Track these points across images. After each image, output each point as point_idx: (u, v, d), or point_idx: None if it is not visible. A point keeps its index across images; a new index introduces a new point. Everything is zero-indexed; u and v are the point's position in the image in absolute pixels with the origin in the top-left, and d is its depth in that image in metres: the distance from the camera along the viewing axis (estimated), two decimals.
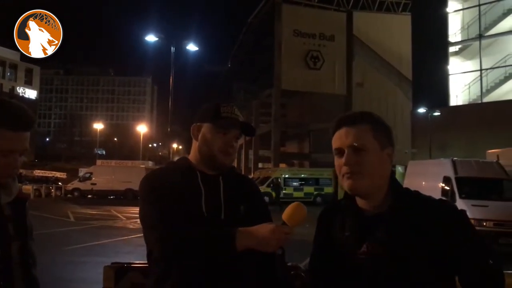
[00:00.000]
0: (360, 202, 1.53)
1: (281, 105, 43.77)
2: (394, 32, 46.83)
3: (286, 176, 31.73)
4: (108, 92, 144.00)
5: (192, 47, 24.50)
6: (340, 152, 1.50)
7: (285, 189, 30.39)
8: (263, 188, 27.81)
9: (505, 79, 38.77)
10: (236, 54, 56.48)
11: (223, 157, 1.77)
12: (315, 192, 30.91)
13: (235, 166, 1.99)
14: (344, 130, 1.50)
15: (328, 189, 30.40)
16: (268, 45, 42.45)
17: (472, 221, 8.20)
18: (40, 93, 79.03)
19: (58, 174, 46.62)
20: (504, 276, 1.44)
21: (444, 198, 1.45)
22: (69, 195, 33.27)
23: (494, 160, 14.06)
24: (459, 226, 1.45)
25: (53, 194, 35.01)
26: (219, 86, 67.06)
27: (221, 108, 1.79)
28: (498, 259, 1.44)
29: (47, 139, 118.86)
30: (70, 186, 34.34)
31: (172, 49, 23.35)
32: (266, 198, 25.56)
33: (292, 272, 2.10)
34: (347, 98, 42.54)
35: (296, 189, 31.02)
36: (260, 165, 47.29)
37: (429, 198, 1.51)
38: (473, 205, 11.15)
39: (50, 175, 44.81)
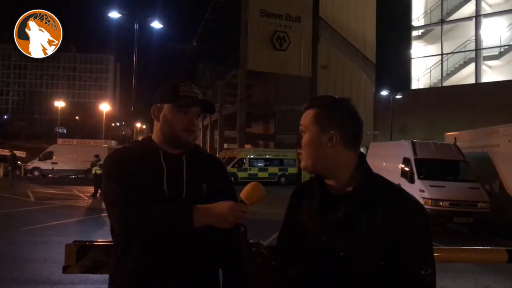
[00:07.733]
0: (327, 181, 1.56)
1: (247, 86, 43.57)
2: (359, 15, 47.11)
3: (251, 156, 31.79)
4: (69, 69, 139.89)
5: (156, 24, 23.98)
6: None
7: (250, 170, 30.64)
8: (228, 169, 27.89)
9: (465, 64, 39.87)
10: (202, 33, 55.62)
11: (187, 135, 1.79)
12: (280, 173, 31.21)
13: (200, 146, 2.01)
14: (304, 112, 1.60)
15: (292, 170, 30.84)
16: (234, 24, 41.93)
17: (430, 201, 8.48)
18: None
19: (18, 153, 45.02)
20: None
21: (413, 197, 1.46)
22: (28, 174, 32.46)
23: (452, 142, 14.41)
24: (414, 228, 1.42)
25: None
26: (184, 65, 66.04)
27: (179, 87, 1.80)
28: (434, 272, 1.41)
29: (5, 117, 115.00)
30: (30, 165, 33.42)
31: (136, 26, 22.81)
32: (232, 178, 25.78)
33: (253, 249, 2.12)
34: (312, 80, 42.64)
35: (261, 169, 31.18)
36: (225, 145, 47.16)
37: (396, 187, 1.52)
38: (430, 186, 11.53)
39: (9, 153, 43.21)
